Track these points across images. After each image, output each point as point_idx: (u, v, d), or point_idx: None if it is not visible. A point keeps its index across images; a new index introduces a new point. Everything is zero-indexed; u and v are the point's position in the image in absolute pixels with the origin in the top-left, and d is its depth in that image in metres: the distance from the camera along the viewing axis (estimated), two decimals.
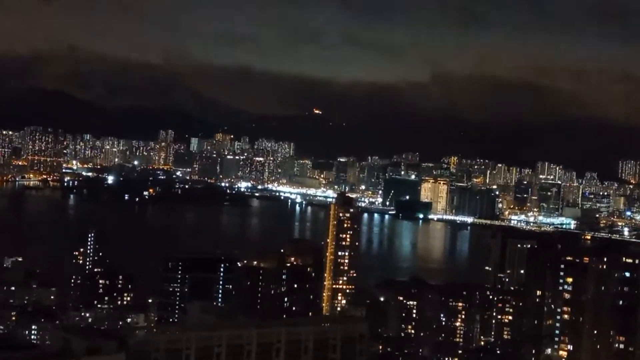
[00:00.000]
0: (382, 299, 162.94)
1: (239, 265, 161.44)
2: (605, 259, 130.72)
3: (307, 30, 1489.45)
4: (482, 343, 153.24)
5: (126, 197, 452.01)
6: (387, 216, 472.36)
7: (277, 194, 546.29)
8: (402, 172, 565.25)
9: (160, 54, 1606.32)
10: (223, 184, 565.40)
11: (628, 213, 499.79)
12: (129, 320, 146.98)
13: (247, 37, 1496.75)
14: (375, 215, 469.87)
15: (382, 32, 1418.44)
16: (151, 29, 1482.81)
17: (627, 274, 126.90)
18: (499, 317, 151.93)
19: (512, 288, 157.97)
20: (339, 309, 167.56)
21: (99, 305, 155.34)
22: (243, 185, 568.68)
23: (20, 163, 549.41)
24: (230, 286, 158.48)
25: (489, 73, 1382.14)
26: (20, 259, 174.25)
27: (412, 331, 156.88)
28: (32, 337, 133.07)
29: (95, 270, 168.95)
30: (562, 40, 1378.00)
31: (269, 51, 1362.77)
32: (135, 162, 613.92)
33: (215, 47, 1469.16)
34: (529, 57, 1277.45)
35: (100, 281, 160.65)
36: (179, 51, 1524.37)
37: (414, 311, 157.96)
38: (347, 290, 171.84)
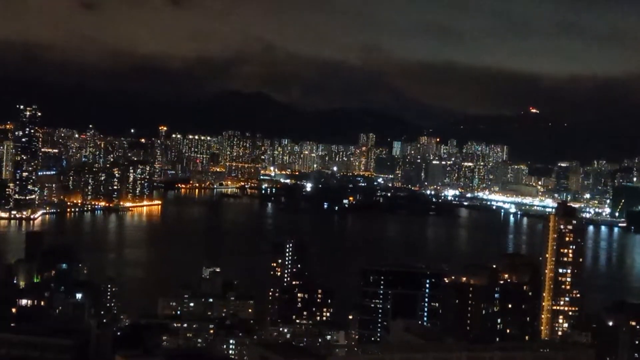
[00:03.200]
0: (611, 323, 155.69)
1: (446, 281, 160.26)
2: None
3: (516, 18, 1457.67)
4: None
5: (325, 206, 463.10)
6: (616, 229, 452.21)
7: (489, 203, 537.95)
8: (635, 179, 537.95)
9: (358, 51, 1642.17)
10: (428, 192, 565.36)
11: None
12: (328, 337, 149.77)
13: (450, 28, 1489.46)
14: (602, 227, 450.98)
15: (602, 18, 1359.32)
16: (348, 25, 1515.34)
17: None
18: None
19: None
20: (560, 333, 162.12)
21: (297, 321, 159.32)
22: (450, 193, 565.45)
23: (218, 169, 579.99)
24: (436, 304, 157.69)
25: None
26: (217, 270, 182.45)
27: None
28: (230, 351, 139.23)
29: (294, 283, 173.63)
30: None
31: (476, 43, 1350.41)
32: (335, 168, 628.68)
33: (416, 41, 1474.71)
34: None
35: (299, 295, 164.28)
36: (377, 47, 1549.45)
37: None
38: (570, 313, 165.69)
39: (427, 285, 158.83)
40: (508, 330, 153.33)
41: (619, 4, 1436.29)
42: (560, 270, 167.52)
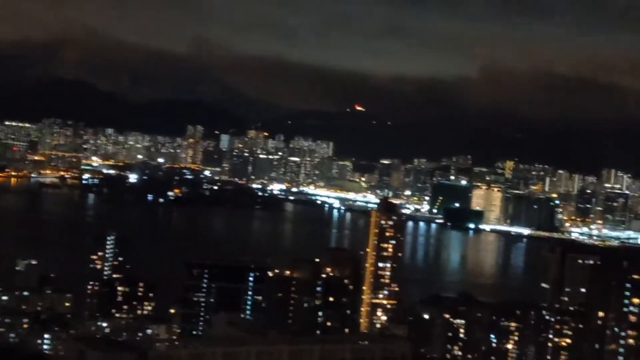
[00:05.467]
0: (426, 316, 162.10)
1: (270, 274, 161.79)
2: None
3: (344, 18, 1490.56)
4: None
5: (150, 198, 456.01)
6: (434, 225, 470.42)
7: (314, 198, 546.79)
8: (452, 177, 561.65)
9: (187, 42, 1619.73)
10: (255, 186, 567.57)
11: None
12: (149, 331, 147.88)
13: (280, 25, 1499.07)
14: (421, 223, 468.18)
15: (426, 22, 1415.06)
16: (177, 15, 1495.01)
17: None
18: (556, 340, 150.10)
19: (571, 308, 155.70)
20: (378, 326, 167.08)
21: (117, 315, 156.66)
22: (277, 187, 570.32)
23: (36, 158, 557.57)
24: (260, 297, 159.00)
25: (548, 69, 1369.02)
26: (34, 262, 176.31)
27: (459, 353, 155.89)
28: (45, 347, 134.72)
29: (114, 276, 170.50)
30: (627, 32, 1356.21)
31: (305, 40, 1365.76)
32: (160, 160, 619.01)
33: (246, 35, 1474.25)
34: (592, 52, 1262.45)
35: (119, 288, 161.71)
36: (207, 40, 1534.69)
37: (462, 331, 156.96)
38: (388, 306, 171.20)
39: (251, 279, 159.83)
40: (329, 323, 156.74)
41: (442, 9, 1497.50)
42: (381, 265, 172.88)
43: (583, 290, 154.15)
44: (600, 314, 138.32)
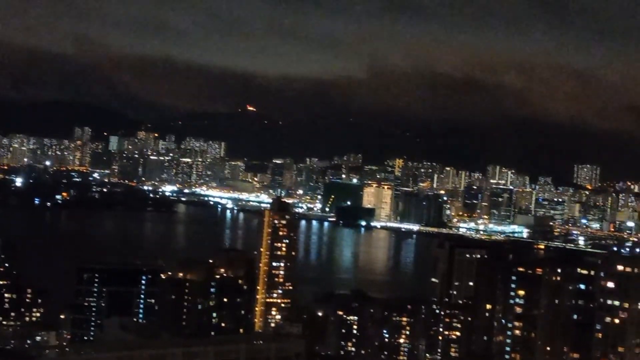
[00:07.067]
0: (320, 314, 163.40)
1: (163, 277, 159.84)
2: (559, 271, 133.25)
3: (228, 17, 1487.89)
4: None
5: (36, 202, 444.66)
6: (326, 223, 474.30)
7: (206, 198, 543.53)
8: (343, 176, 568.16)
9: (72, 42, 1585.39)
10: (146, 188, 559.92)
11: (584, 221, 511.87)
12: (38, 338, 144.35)
13: (167, 24, 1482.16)
14: (314, 222, 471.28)
15: (310, 22, 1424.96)
16: (60, 14, 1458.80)
17: (582, 287, 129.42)
18: (446, 333, 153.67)
19: (460, 302, 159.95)
20: (273, 325, 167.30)
21: (4, 322, 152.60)
22: (168, 189, 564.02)
23: None
24: (153, 300, 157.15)
25: (432, 68, 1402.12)
26: None
27: (353, 349, 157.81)
28: None
29: (0, 283, 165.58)
30: (508, 34, 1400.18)
31: (192, 41, 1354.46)
32: (47, 163, 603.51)
33: (132, 35, 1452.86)
34: (474, 51, 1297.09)
35: (6, 295, 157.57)
36: (92, 39, 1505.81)
37: (355, 327, 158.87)
38: (283, 305, 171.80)
39: (144, 282, 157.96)
40: (223, 324, 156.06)
41: (328, 9, 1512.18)
42: (274, 264, 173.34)
43: (471, 283, 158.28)
44: (488, 306, 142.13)
